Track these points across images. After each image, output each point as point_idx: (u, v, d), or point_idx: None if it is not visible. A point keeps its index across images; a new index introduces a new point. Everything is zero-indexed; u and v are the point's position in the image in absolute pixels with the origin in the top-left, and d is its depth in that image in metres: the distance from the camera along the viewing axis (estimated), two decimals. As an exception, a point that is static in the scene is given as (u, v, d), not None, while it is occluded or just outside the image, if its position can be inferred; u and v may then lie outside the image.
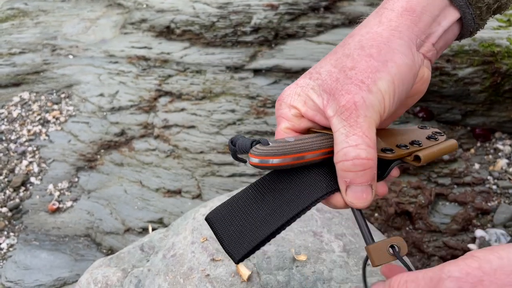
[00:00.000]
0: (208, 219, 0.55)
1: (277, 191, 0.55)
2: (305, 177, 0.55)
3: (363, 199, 0.51)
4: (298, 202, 0.53)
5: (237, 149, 0.55)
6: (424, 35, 0.58)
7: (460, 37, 0.63)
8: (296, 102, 0.57)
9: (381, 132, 0.60)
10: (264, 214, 0.53)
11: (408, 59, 0.55)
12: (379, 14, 0.58)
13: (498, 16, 1.74)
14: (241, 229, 0.52)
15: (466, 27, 0.61)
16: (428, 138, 0.61)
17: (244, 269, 0.88)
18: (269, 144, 0.53)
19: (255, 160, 0.53)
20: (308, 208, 0.53)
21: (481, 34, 1.63)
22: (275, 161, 0.53)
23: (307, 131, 0.60)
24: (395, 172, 0.55)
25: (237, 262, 0.49)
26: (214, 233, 0.53)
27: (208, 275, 0.89)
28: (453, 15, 0.59)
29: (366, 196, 0.51)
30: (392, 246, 0.51)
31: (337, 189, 0.54)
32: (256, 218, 0.52)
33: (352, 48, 0.56)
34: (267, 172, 0.56)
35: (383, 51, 0.54)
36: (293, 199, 0.53)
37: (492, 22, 1.72)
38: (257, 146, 0.53)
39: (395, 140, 0.58)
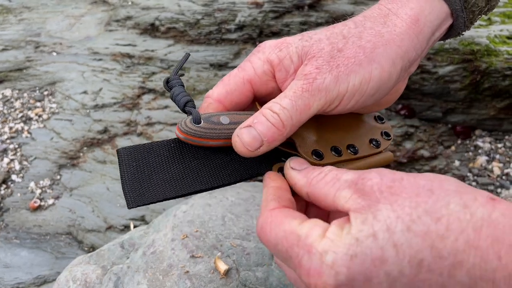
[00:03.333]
0: (119, 152, 0.52)
1: (203, 157, 0.52)
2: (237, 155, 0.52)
3: (246, 141, 0.50)
4: (224, 175, 0.52)
5: (171, 97, 0.54)
6: (421, 50, 0.56)
7: (444, 38, 0.62)
8: (274, 56, 0.55)
9: (333, 121, 0.58)
10: (181, 174, 0.50)
11: (394, 69, 0.54)
12: (384, 15, 0.57)
13: (478, 15, 1.77)
14: (150, 179, 0.49)
15: (455, 30, 0.60)
16: (370, 141, 0.59)
17: (222, 264, 0.89)
18: (200, 122, 0.51)
19: (181, 136, 0.52)
20: (231, 183, 0.52)
21: (461, 32, 1.66)
22: (202, 142, 0.52)
23: (253, 103, 0.58)
24: None
25: (129, 208, 0.48)
26: (120, 170, 0.50)
27: (188, 271, 0.89)
28: (447, 23, 0.59)
29: (249, 142, 0.49)
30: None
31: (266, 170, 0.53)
32: (170, 175, 0.50)
33: (351, 33, 0.55)
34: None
35: (377, 50, 0.53)
36: (219, 170, 0.52)
37: (472, 21, 1.74)
38: (187, 123, 0.52)
39: (336, 137, 0.56)
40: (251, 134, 0.49)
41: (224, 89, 0.55)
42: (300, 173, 0.48)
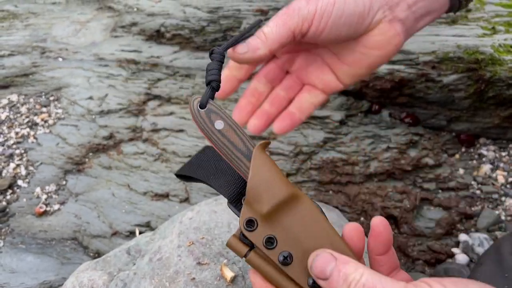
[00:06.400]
0: (177, 172, 0.69)
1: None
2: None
3: (236, 48, 0.63)
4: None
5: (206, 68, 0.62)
6: None
7: (450, 7, 0.67)
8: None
9: (305, 225, 0.53)
10: (213, 170, 0.63)
11: None
12: None
13: (482, 23, 1.78)
14: (194, 169, 0.64)
15: None
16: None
17: (228, 272, 0.89)
18: (204, 107, 0.56)
19: (190, 111, 0.58)
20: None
21: (465, 41, 1.66)
22: (199, 128, 0.58)
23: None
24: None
25: (176, 175, 0.67)
26: (188, 174, 0.65)
27: (194, 278, 0.90)
28: None
29: (238, 48, 0.63)
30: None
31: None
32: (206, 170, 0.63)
33: None
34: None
35: None
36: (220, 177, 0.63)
37: (476, 30, 1.74)
38: (195, 103, 0.57)
39: (297, 241, 0.52)
40: (241, 45, 0.63)
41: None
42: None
